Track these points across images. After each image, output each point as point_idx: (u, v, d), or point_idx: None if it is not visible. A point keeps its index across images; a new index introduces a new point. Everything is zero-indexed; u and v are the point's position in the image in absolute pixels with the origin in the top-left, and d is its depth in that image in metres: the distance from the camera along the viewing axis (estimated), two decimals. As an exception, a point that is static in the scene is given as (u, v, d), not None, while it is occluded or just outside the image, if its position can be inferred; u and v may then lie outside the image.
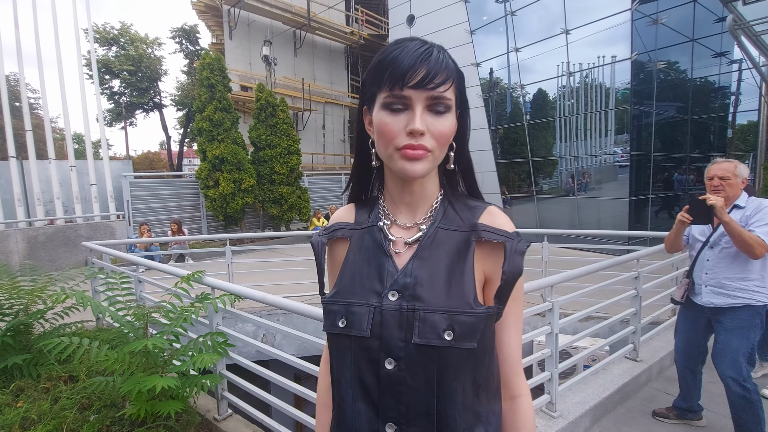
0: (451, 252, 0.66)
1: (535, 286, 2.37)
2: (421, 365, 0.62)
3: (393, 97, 0.62)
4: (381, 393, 0.64)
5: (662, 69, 9.23)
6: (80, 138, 22.33)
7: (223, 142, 9.49)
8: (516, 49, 10.06)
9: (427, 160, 0.63)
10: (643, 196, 8.85)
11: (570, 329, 4.07)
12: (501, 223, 0.68)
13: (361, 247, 0.72)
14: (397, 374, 0.63)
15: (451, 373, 0.62)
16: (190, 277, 2.41)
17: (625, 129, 8.77)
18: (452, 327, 0.61)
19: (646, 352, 3.28)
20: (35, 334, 3.00)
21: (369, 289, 0.66)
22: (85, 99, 8.86)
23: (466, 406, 0.64)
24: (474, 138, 11.25)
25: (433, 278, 0.64)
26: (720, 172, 2.17)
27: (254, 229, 11.15)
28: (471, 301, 0.63)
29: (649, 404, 2.80)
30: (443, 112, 0.63)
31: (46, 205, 8.39)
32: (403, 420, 0.63)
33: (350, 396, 0.67)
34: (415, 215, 0.71)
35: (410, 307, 0.63)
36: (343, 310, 0.67)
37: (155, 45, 21.90)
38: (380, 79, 0.63)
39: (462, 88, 0.68)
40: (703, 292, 2.27)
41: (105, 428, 2.18)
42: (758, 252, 1.99)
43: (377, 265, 0.68)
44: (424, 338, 0.61)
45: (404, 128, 0.62)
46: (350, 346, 0.66)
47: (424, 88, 0.61)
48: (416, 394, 0.62)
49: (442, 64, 0.62)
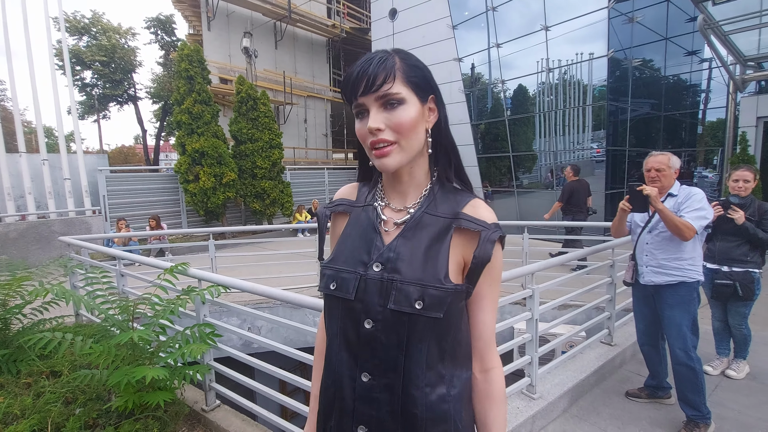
0: (432, 235, 0.76)
1: (515, 274, 2.46)
2: (393, 328, 0.72)
3: (356, 107, 0.74)
4: (360, 347, 0.75)
5: (637, 66, 9.54)
6: (51, 131, 21.44)
7: (203, 135, 9.31)
8: (497, 44, 10.20)
9: (395, 152, 0.73)
10: (618, 189, 9.16)
11: (549, 317, 4.23)
12: (482, 214, 0.77)
13: (358, 222, 0.83)
14: (374, 333, 0.74)
15: (418, 336, 0.72)
16: (174, 268, 2.40)
17: (602, 125, 9.04)
18: (423, 298, 0.71)
19: (620, 336, 3.45)
20: (13, 330, 2.92)
21: (358, 260, 0.77)
22: (56, 90, 8.54)
23: (430, 366, 0.74)
24: (456, 133, 11.31)
25: (412, 255, 0.74)
26: (656, 165, 2.39)
27: (236, 224, 11.01)
28: (442, 277, 0.72)
29: (623, 385, 2.95)
30: (396, 106, 0.71)
31: (17, 200, 8.08)
32: (376, 371, 0.74)
33: (336, 345, 0.79)
34: (406, 200, 0.80)
35: (390, 278, 0.73)
36: (335, 275, 0.78)
37: (129, 35, 21.16)
38: (345, 95, 0.75)
39: (416, 79, 0.74)
40: (645, 272, 2.47)
41: (92, 421, 2.16)
42: (687, 235, 2.22)
43: (368, 239, 0.79)
44: (398, 305, 0.72)
45: (365, 129, 0.72)
46: (338, 305, 0.78)
47: (369, 93, 0.71)
48: (388, 351, 0.73)
49: (380, 67, 0.71)
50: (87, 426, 2.15)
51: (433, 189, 0.80)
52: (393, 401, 0.74)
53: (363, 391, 0.75)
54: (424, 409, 0.73)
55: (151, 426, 2.12)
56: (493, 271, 0.77)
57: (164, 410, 2.24)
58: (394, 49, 0.76)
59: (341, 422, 0.77)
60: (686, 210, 2.27)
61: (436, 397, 0.74)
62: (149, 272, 3.54)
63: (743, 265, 2.84)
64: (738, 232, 2.81)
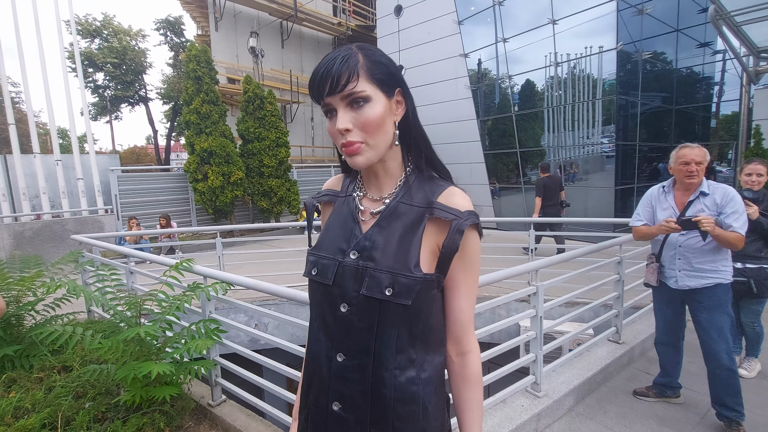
0: (406, 224, 0.78)
1: (520, 270, 2.44)
2: (366, 312, 0.76)
3: (323, 107, 0.75)
4: (336, 329, 0.79)
5: (648, 59, 9.36)
6: (65, 132, 21.85)
7: (211, 135, 9.40)
8: (504, 39, 10.10)
9: (364, 150, 0.74)
10: (628, 185, 9.02)
11: (556, 314, 4.19)
12: (456, 202, 0.78)
13: (340, 212, 0.87)
14: (348, 316, 0.78)
15: (388, 321, 0.76)
16: (179, 265, 2.43)
17: (612, 119, 8.90)
18: (393, 285, 0.74)
19: (628, 334, 3.40)
20: (26, 326, 3.00)
21: (337, 248, 0.81)
22: (69, 92, 8.70)
23: (400, 350, 0.77)
24: (463, 129, 11.33)
25: (386, 244, 0.77)
26: (697, 158, 2.25)
27: (244, 222, 11.11)
28: (412, 266, 0.75)
29: (630, 384, 2.91)
30: (362, 104, 0.72)
31: (32, 200, 8.27)
32: (350, 352, 0.78)
33: (315, 327, 0.84)
34: (382, 191, 0.83)
35: (364, 266, 0.77)
36: (317, 262, 0.83)
37: (139, 37, 21.42)
38: (312, 95, 0.76)
39: (380, 75, 0.74)
40: (678, 276, 2.37)
41: (101, 415, 2.21)
42: (740, 246, 2.15)
43: (347, 228, 0.83)
44: (370, 291, 0.75)
45: (335, 129, 0.74)
46: (318, 290, 0.83)
47: (335, 93, 0.72)
48: (360, 333, 0.77)
49: (344, 66, 0.71)
50: (96, 419, 2.20)
51: (407, 179, 0.82)
52: (364, 381, 0.77)
53: (338, 370, 0.79)
54: (393, 390, 0.77)
55: (158, 420, 2.16)
56: (467, 258, 0.79)
57: (171, 404, 2.28)
58: (358, 45, 0.76)
59: (318, 398, 0.82)
60: (731, 216, 2.16)
61: (405, 380, 0.77)
62: (158, 270, 3.59)
63: (757, 262, 2.77)
64: (751, 227, 2.74)
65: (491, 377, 2.29)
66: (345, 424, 0.79)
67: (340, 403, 0.79)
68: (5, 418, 2.16)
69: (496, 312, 4.76)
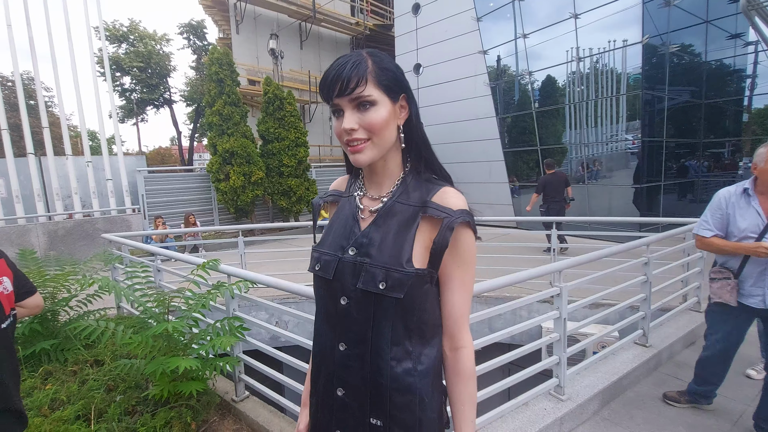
0: (401, 222, 0.83)
1: (543, 271, 2.40)
2: (363, 305, 0.81)
3: (332, 106, 0.81)
4: (337, 320, 0.85)
5: (675, 52, 9.02)
6: (94, 134, 22.67)
7: (232, 136, 9.60)
8: (524, 35, 9.92)
9: (368, 148, 0.80)
10: (655, 183, 8.73)
11: (579, 316, 4.10)
12: (449, 201, 0.82)
13: (342, 211, 0.93)
14: (347, 309, 0.83)
15: (383, 314, 0.80)
16: (206, 264, 2.49)
17: (637, 115, 8.62)
18: (386, 279, 0.78)
19: (655, 337, 3.30)
20: (61, 321, 3.13)
21: (338, 244, 0.87)
22: (98, 96, 9.03)
23: (396, 342, 0.81)
24: (481, 127, 11.19)
25: (382, 241, 0.82)
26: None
27: (264, 221, 11.29)
28: (404, 262, 0.79)
29: (658, 389, 2.82)
30: (369, 107, 0.78)
31: (64, 200, 8.63)
32: (350, 342, 0.83)
33: (320, 320, 0.90)
34: (381, 190, 0.88)
35: (361, 261, 0.82)
36: (320, 257, 0.89)
37: (164, 41, 22.05)
38: (322, 95, 0.82)
39: (387, 81, 0.80)
40: (767, 294, 2.11)
41: (131, 408, 2.29)
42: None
43: (348, 226, 0.88)
44: (365, 285, 0.80)
45: (341, 128, 0.79)
46: (321, 284, 0.88)
47: (344, 95, 0.77)
48: (359, 325, 0.82)
49: (353, 71, 0.76)
50: (127, 412, 2.28)
51: (405, 179, 0.86)
52: (364, 369, 0.82)
53: (341, 358, 0.85)
54: (390, 380, 0.81)
55: (185, 414, 2.22)
56: (460, 255, 0.82)
57: (197, 399, 2.35)
58: (368, 51, 0.81)
59: (326, 384, 0.88)
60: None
61: (401, 371, 0.81)
62: (183, 267, 3.69)
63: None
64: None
65: (512, 380, 2.26)
66: (349, 409, 0.84)
67: (344, 389, 0.85)
68: (42, 409, 2.27)
69: (517, 313, 4.69)
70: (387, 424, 0.82)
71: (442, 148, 12.08)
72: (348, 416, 0.85)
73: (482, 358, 2.32)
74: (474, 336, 1.27)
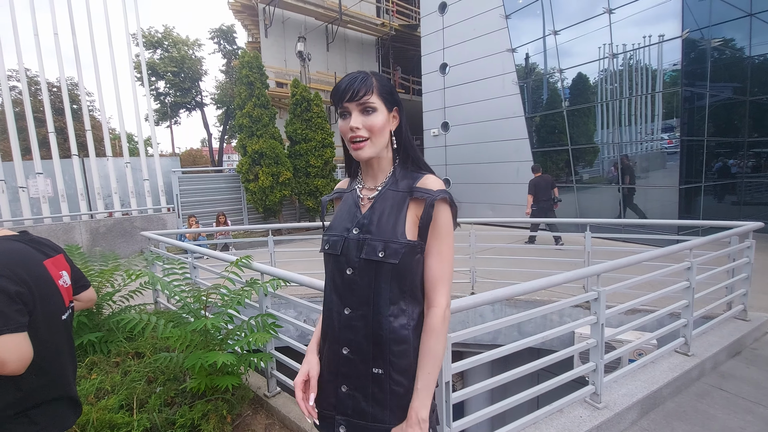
0: (393, 205, 1.03)
1: (579, 275, 2.33)
2: (365, 272, 1.01)
3: (340, 109, 1.03)
4: (343, 288, 1.04)
5: (716, 47, 8.56)
6: (131, 137, 23.70)
7: (261, 137, 9.82)
8: (554, 32, 9.66)
9: (367, 145, 1.01)
10: (695, 184, 8.31)
11: (614, 321, 3.95)
12: (430, 184, 1.03)
13: (346, 202, 1.14)
14: (352, 277, 1.03)
15: (382, 278, 1.00)
16: (239, 261, 2.56)
17: (675, 113, 8.24)
18: (384, 249, 0.99)
19: (698, 346, 3.14)
20: (104, 315, 3.29)
21: (344, 227, 1.07)
22: (136, 100, 9.44)
23: (392, 301, 1.00)
24: (509, 126, 10.98)
25: (379, 220, 1.02)
26: None
27: (291, 220, 11.50)
28: (398, 235, 0.99)
29: (701, 400, 2.69)
30: (371, 112, 1.01)
31: (105, 199, 9.07)
32: (354, 305, 1.03)
33: (328, 289, 1.09)
34: (376, 181, 1.10)
35: (363, 238, 1.02)
36: (329, 239, 1.09)
37: (196, 46, 22.83)
38: (334, 100, 1.03)
39: (386, 95, 1.03)
40: None
41: (170, 399, 2.38)
42: None
43: (351, 212, 1.09)
44: (368, 255, 1.00)
45: (348, 127, 1.01)
46: (330, 260, 1.08)
47: (353, 101, 1.00)
48: (362, 290, 1.01)
49: (363, 84, 0.99)
50: (166, 404, 2.37)
51: (395, 172, 1.08)
52: (366, 327, 1.01)
53: (345, 321, 1.03)
54: (388, 332, 1.00)
55: (221, 407, 2.29)
56: (438, 225, 1.01)
57: (231, 393, 2.41)
58: (371, 71, 1.05)
59: (332, 345, 1.06)
60: None
61: (398, 325, 1.00)
62: (216, 265, 3.81)
63: None
64: None
65: (547, 386, 2.20)
66: (352, 364, 1.02)
67: (349, 348, 1.03)
68: (89, 398, 2.39)
69: (548, 317, 4.57)
70: (387, 370, 1.00)
71: (467, 149, 11.98)
72: (352, 370, 1.02)
73: (512, 364, 2.28)
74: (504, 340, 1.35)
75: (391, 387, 0.99)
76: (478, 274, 5.23)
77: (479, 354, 1.95)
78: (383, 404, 1.00)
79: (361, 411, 1.01)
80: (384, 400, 1.00)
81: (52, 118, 8.42)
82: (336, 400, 1.04)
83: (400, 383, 1.00)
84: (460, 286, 5.24)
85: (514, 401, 2.05)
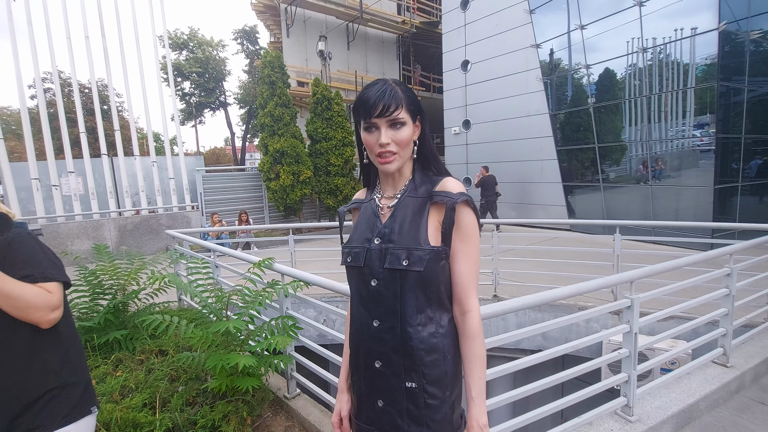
0: (414, 211, 1.01)
1: (612, 281, 2.22)
2: (390, 282, 0.98)
3: (367, 123, 0.99)
4: (370, 300, 1.02)
5: (755, 39, 8.09)
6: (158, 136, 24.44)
7: (282, 136, 9.91)
8: (581, 26, 9.35)
9: (395, 159, 1.00)
10: (731, 183, 7.90)
11: (646, 330, 3.78)
12: (449, 187, 1.01)
13: (365, 212, 1.12)
14: (378, 288, 1.00)
15: (408, 286, 0.97)
16: (261, 263, 2.56)
17: (709, 109, 7.84)
18: (408, 257, 0.96)
19: (738, 357, 2.96)
20: (130, 312, 3.37)
21: (365, 238, 1.05)
22: (163, 100, 9.68)
23: (419, 309, 0.98)
24: (533, 124, 10.73)
25: (401, 228, 1.00)
26: None
27: (311, 219, 11.58)
28: (421, 242, 0.97)
29: (741, 415, 2.53)
30: (400, 127, 0.98)
31: (132, 197, 9.34)
32: (382, 317, 1.00)
33: (355, 302, 1.07)
34: (396, 189, 1.08)
35: (386, 247, 0.99)
36: (350, 251, 1.06)
37: (219, 47, 23.28)
38: (358, 112, 1.00)
39: (412, 107, 1.01)
40: None
41: (192, 398, 2.40)
42: None
43: (371, 222, 1.07)
44: (392, 264, 0.97)
45: (377, 142, 0.98)
46: (354, 272, 1.06)
47: (383, 116, 0.96)
48: (388, 300, 0.99)
49: (393, 98, 0.96)
50: (188, 403, 2.39)
51: (413, 179, 1.06)
52: (395, 339, 0.98)
53: (375, 333, 1.01)
54: (418, 342, 0.97)
55: (241, 408, 2.29)
56: (462, 229, 0.98)
57: (252, 395, 2.41)
58: (394, 80, 1.01)
59: (365, 359, 1.04)
60: None
61: (427, 334, 0.98)
62: (237, 264, 3.84)
63: None
64: None
65: (574, 398, 2.11)
66: (384, 378, 1.00)
67: (381, 361, 1.01)
68: (113, 395, 2.43)
69: (575, 323, 4.41)
70: (420, 383, 0.97)
71: (490, 147, 11.76)
72: (385, 384, 1.00)
73: (534, 371, 2.19)
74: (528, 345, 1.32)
75: (425, 401, 0.98)
76: (501, 276, 5.11)
77: (500, 359, 1.87)
78: (420, 421, 0.98)
79: (397, 427, 1.00)
80: (420, 417, 0.98)
81: (83, 118, 8.72)
82: (374, 414, 1.04)
83: (435, 395, 0.98)
84: (481, 288, 5.13)
85: (540, 413, 1.96)
